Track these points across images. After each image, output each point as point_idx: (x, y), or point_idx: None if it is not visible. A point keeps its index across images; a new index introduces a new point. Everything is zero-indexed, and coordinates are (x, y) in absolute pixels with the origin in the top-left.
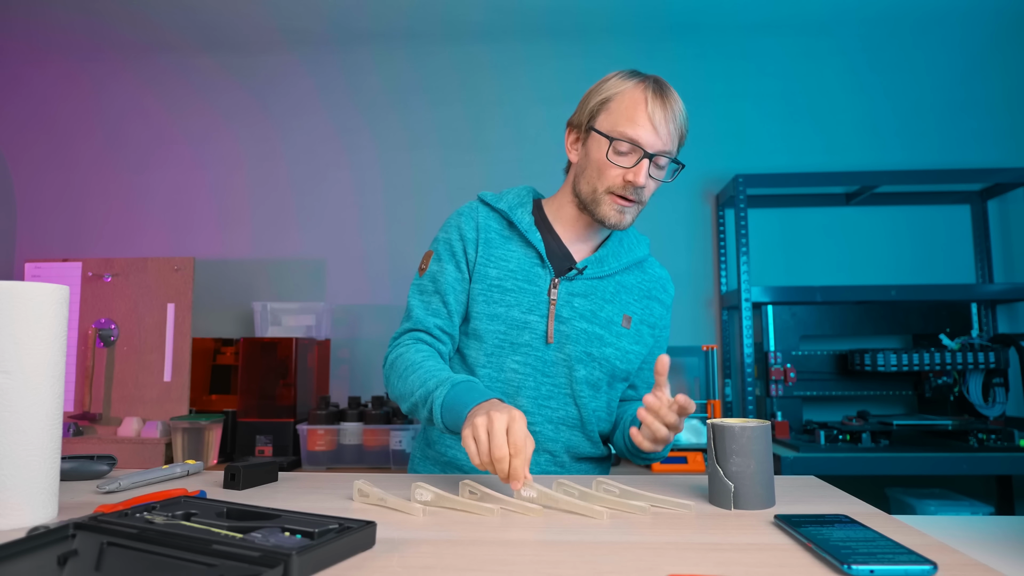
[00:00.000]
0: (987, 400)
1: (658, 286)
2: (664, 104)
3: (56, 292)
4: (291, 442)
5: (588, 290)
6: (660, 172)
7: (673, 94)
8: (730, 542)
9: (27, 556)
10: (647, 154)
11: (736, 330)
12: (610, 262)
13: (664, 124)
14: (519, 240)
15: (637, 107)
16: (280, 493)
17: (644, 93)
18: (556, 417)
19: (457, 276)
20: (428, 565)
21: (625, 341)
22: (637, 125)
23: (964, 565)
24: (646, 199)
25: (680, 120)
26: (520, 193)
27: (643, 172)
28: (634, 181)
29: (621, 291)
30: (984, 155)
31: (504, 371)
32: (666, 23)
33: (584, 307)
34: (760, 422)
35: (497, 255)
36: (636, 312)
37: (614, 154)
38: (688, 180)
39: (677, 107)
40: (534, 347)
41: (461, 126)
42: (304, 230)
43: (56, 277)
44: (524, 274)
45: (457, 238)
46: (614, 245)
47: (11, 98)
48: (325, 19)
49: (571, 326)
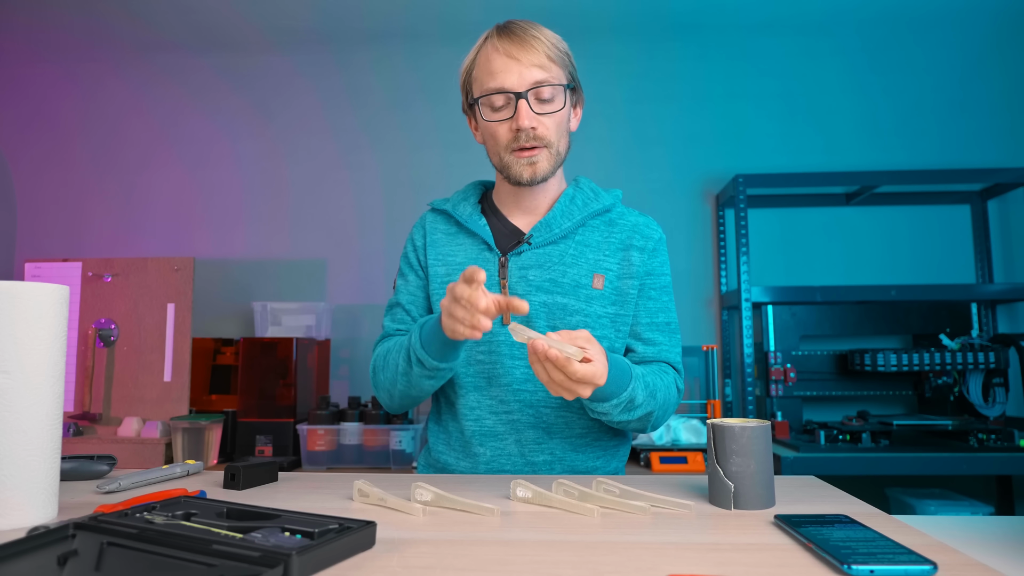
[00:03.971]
0: (987, 400)
1: (634, 234)
2: (513, 38)
3: (56, 292)
4: (291, 442)
5: (542, 259)
6: (550, 104)
7: (524, 25)
8: (730, 542)
9: (27, 556)
10: (518, 95)
11: (736, 330)
12: (560, 222)
13: (526, 53)
14: (466, 233)
15: (490, 58)
16: (280, 493)
17: (490, 42)
18: (536, 400)
19: (417, 284)
20: (428, 565)
21: (597, 304)
22: (496, 73)
23: (964, 565)
24: (555, 139)
25: (547, 42)
26: (466, 189)
27: (523, 113)
28: (519, 126)
29: (585, 250)
30: (984, 155)
31: (474, 364)
32: (666, 23)
33: (541, 277)
34: (760, 422)
35: (443, 252)
36: (611, 268)
37: (492, 112)
38: (688, 180)
39: (533, 33)
40: (494, 332)
41: (461, 126)
42: (304, 230)
43: (56, 277)
44: (471, 263)
45: (411, 249)
46: (564, 204)
47: (11, 98)
48: (325, 19)
49: (527, 301)
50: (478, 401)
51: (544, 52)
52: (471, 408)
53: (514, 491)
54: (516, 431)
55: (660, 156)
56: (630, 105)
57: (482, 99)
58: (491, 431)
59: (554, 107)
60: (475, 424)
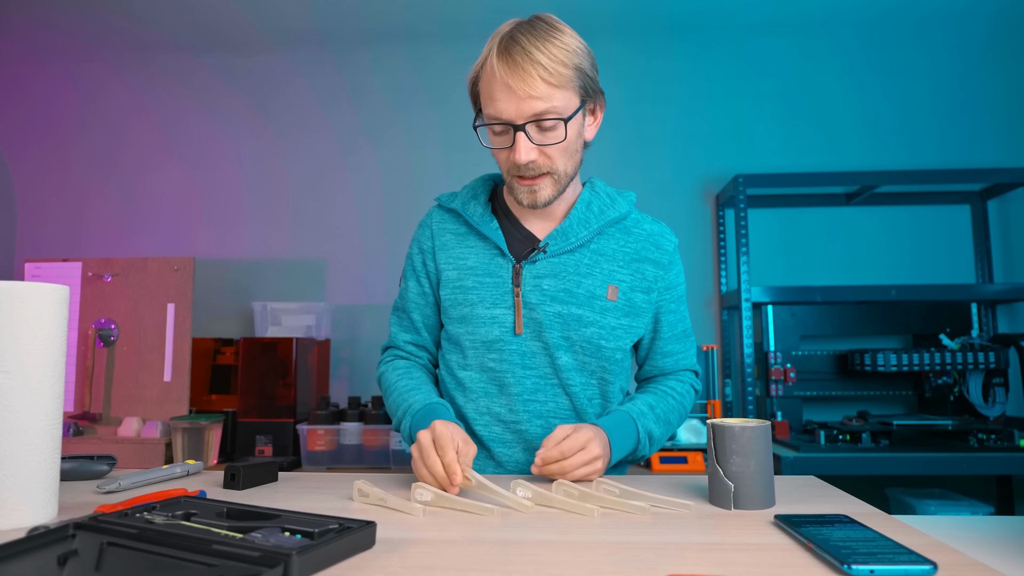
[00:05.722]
0: (987, 400)
1: (648, 244)
2: (512, 66)
3: (56, 292)
4: (291, 442)
5: (557, 268)
6: (552, 133)
7: (527, 45)
8: (730, 542)
9: (27, 556)
10: (515, 127)
11: (736, 330)
12: (576, 231)
13: (523, 84)
14: (476, 235)
15: (491, 80)
16: (280, 493)
17: (492, 60)
18: (546, 411)
19: (418, 291)
20: (428, 565)
21: (611, 316)
22: (495, 100)
23: (964, 565)
24: (561, 167)
25: (550, 65)
26: (475, 185)
27: (520, 148)
28: (515, 160)
29: (601, 260)
30: (984, 155)
31: (484, 371)
32: (666, 23)
33: (555, 287)
34: (760, 422)
35: (454, 255)
36: (624, 279)
37: (493, 137)
38: (688, 180)
39: (537, 57)
40: (506, 341)
41: (461, 126)
42: (304, 230)
43: (56, 277)
44: (484, 268)
45: (417, 251)
46: (580, 211)
47: (11, 98)
48: (325, 19)
49: (542, 311)
50: (488, 407)
51: (545, 80)
52: (480, 414)
53: (514, 491)
54: (524, 440)
55: (660, 156)
56: (630, 105)
57: (484, 125)
58: (500, 438)
59: (556, 137)
60: (484, 429)
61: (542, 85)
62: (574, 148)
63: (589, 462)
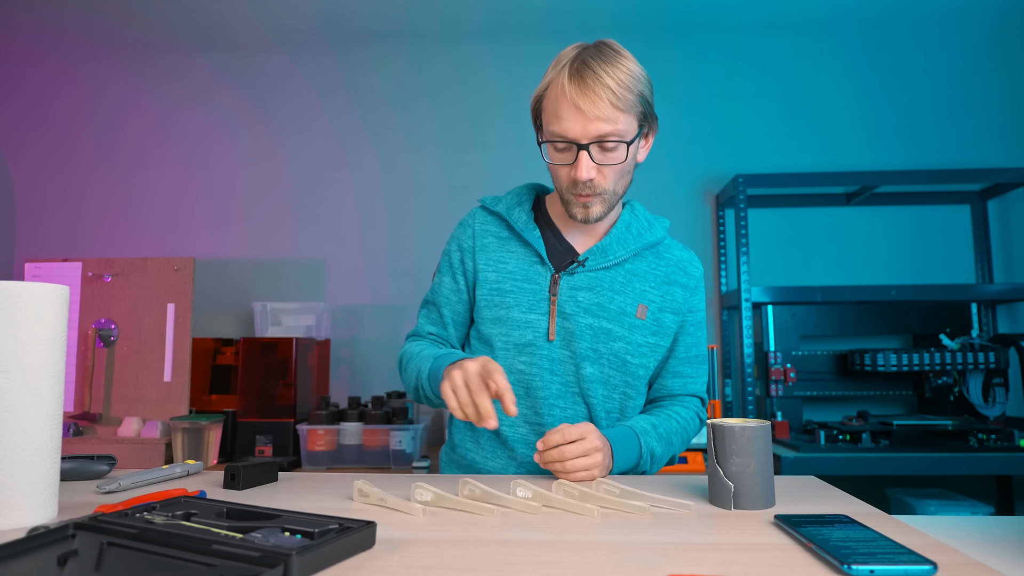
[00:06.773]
0: (987, 400)
1: (677, 269)
2: (583, 85)
3: (56, 292)
4: (291, 442)
5: (593, 282)
6: (613, 154)
7: (597, 69)
8: (730, 542)
9: (27, 556)
10: (579, 146)
11: (736, 330)
12: (615, 250)
13: (592, 106)
14: (518, 240)
15: (560, 99)
16: (280, 493)
17: (562, 81)
18: (565, 417)
19: (453, 287)
20: (428, 565)
21: (639, 334)
22: (562, 119)
23: (964, 565)
24: (612, 186)
25: (617, 89)
26: (519, 192)
27: (583, 166)
28: (576, 177)
29: (633, 279)
30: (984, 155)
31: (513, 372)
32: (666, 23)
33: (589, 300)
34: (760, 422)
35: (495, 258)
36: (654, 300)
37: (555, 153)
38: (688, 180)
39: (606, 81)
40: (538, 346)
41: (461, 126)
42: (304, 230)
43: (56, 277)
44: (523, 273)
45: (456, 249)
46: (620, 232)
47: (10, 98)
48: (324, 19)
49: (575, 322)
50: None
51: (612, 103)
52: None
53: (514, 491)
54: None
55: (660, 156)
56: None
57: (547, 141)
58: (524, 439)
59: (616, 158)
60: (510, 430)
61: (609, 108)
62: (628, 169)
63: (589, 452)
